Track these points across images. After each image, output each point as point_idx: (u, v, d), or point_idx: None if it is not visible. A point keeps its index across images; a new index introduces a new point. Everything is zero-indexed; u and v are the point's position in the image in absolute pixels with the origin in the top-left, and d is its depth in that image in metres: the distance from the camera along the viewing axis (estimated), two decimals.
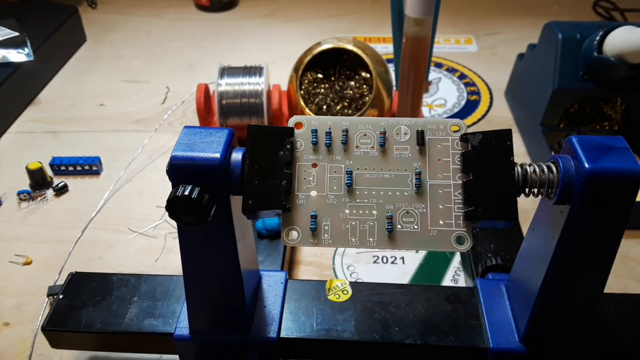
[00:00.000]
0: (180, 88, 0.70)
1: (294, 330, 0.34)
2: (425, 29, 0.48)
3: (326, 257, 0.47)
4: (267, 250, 0.44)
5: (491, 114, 0.66)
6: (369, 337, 0.33)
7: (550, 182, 0.26)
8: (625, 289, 0.43)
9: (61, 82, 0.72)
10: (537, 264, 0.30)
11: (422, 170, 0.26)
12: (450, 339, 0.33)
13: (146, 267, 0.45)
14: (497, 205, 0.25)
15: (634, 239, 0.48)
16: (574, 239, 0.27)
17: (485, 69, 0.74)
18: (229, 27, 0.85)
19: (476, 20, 0.87)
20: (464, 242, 0.26)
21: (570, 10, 0.87)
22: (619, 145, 0.26)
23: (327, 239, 0.26)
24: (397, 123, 0.27)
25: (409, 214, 0.26)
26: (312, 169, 0.27)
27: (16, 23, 0.70)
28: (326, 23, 0.86)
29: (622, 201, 0.26)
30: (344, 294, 0.36)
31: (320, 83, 0.56)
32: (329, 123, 0.27)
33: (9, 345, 0.39)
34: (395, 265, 0.46)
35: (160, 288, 0.37)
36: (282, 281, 0.36)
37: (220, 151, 0.25)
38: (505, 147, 0.26)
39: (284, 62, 0.73)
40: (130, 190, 0.53)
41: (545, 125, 0.55)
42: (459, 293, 0.36)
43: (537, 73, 0.58)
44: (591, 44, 0.50)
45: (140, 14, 0.89)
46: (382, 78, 0.54)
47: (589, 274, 0.29)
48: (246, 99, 0.54)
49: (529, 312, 0.31)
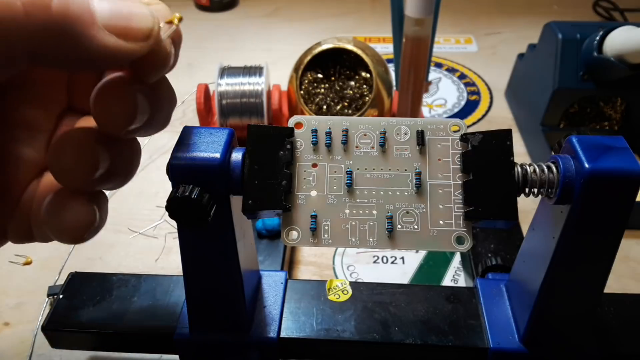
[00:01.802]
0: (180, 88, 0.69)
1: (294, 330, 0.34)
2: (425, 29, 0.48)
3: (326, 257, 0.47)
4: (267, 250, 0.44)
5: (491, 114, 0.66)
6: (369, 337, 0.33)
7: (550, 182, 0.26)
8: (625, 289, 0.43)
9: None
10: (537, 264, 0.30)
11: (422, 170, 0.26)
12: (450, 339, 0.33)
13: (146, 267, 0.45)
14: (497, 205, 0.25)
15: (634, 239, 0.48)
16: (574, 239, 0.27)
17: (485, 69, 0.74)
18: (229, 27, 0.85)
19: (476, 20, 0.87)
20: (464, 242, 0.26)
21: (570, 10, 0.87)
22: (619, 145, 0.26)
23: (327, 239, 0.26)
24: (397, 123, 0.27)
25: (409, 214, 0.26)
26: (312, 169, 0.27)
27: None
28: (326, 23, 0.86)
29: (622, 201, 0.26)
30: (344, 294, 0.36)
31: (320, 83, 0.56)
32: (329, 123, 0.27)
33: (9, 345, 0.39)
34: (395, 265, 0.46)
35: (160, 288, 0.37)
36: (282, 281, 0.36)
37: (220, 151, 0.25)
38: (505, 147, 0.26)
39: (284, 62, 0.73)
40: (130, 190, 0.53)
41: (545, 125, 0.55)
42: (459, 293, 0.36)
43: (537, 73, 0.58)
44: (591, 44, 0.50)
45: None
46: (382, 78, 0.54)
47: (589, 274, 0.29)
48: (246, 99, 0.54)
49: (529, 312, 0.31)
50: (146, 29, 0.20)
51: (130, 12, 0.20)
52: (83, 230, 0.23)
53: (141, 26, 0.20)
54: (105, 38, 0.19)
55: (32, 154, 0.24)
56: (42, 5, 0.17)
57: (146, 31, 0.20)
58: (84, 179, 0.22)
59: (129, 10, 0.20)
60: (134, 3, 0.20)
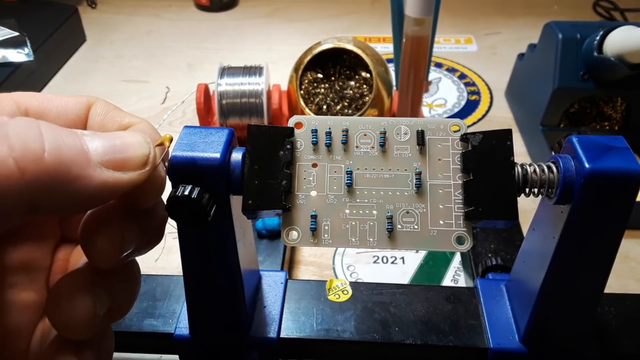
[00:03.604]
0: (180, 88, 0.70)
1: (294, 330, 0.34)
2: (425, 29, 0.48)
3: (326, 257, 0.47)
4: (267, 250, 0.44)
5: (491, 114, 0.66)
6: (369, 337, 0.33)
7: (550, 182, 0.26)
8: (625, 289, 0.43)
9: (61, 82, 0.72)
10: (537, 264, 0.30)
11: (422, 170, 0.26)
12: (450, 339, 0.33)
13: (146, 267, 0.45)
14: (498, 205, 0.25)
15: (634, 239, 0.48)
16: (574, 239, 0.27)
17: (485, 69, 0.74)
18: (229, 27, 0.85)
19: (476, 20, 0.87)
20: (464, 242, 0.26)
21: (570, 10, 0.87)
22: (619, 145, 0.26)
23: (327, 239, 0.26)
24: (397, 123, 0.27)
25: (409, 214, 0.26)
26: (312, 168, 0.27)
27: (16, 23, 0.70)
28: (326, 23, 0.86)
29: (622, 201, 0.26)
30: (344, 294, 0.36)
31: (320, 83, 0.56)
32: (329, 123, 0.27)
33: None
34: (395, 265, 0.46)
35: (160, 288, 0.37)
36: (282, 281, 0.36)
37: (220, 151, 0.25)
38: (506, 147, 0.26)
39: (284, 62, 0.73)
40: None
41: (545, 125, 0.55)
42: (459, 293, 0.36)
43: (537, 73, 0.58)
44: (591, 44, 0.50)
45: (140, 14, 0.89)
46: (382, 78, 0.54)
47: (589, 274, 0.29)
48: (246, 99, 0.54)
49: (529, 312, 0.31)
50: (143, 157, 0.19)
51: (124, 142, 0.19)
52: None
53: (137, 155, 0.19)
54: (103, 175, 0.18)
55: (34, 297, 0.22)
56: (34, 158, 0.16)
57: (143, 159, 0.19)
58: (85, 328, 0.21)
59: (122, 141, 0.19)
60: (125, 132, 0.20)
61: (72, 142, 0.18)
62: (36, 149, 0.17)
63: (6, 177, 0.16)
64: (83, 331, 0.21)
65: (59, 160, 0.17)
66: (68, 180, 0.17)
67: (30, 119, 0.17)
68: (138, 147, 0.19)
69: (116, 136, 0.19)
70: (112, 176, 0.18)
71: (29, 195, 0.17)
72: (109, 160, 0.18)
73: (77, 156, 0.17)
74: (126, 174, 0.19)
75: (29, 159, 0.16)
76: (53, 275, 0.24)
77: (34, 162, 0.16)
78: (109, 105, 0.23)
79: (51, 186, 0.17)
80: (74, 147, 0.18)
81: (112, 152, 0.19)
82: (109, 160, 0.18)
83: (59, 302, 0.21)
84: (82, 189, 0.18)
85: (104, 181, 0.18)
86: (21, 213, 0.17)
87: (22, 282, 0.22)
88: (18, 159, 0.16)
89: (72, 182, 0.17)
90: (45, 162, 0.17)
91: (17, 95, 0.22)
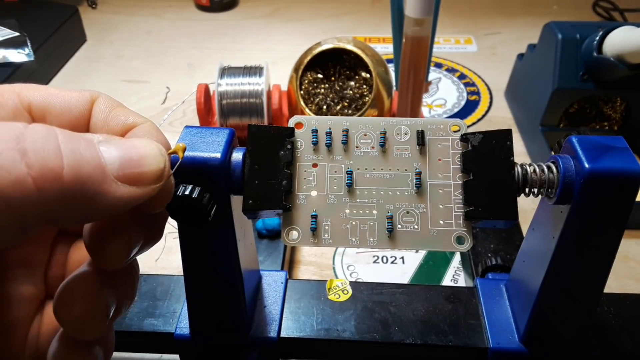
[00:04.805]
0: (180, 88, 0.70)
1: (294, 330, 0.34)
2: (425, 29, 0.48)
3: (326, 257, 0.47)
4: (267, 250, 0.44)
5: (491, 114, 0.66)
6: (369, 337, 0.33)
7: (550, 182, 0.26)
8: (625, 289, 0.43)
9: (61, 82, 0.72)
10: (537, 264, 0.30)
11: (422, 170, 0.26)
12: (450, 339, 0.33)
13: (146, 267, 0.45)
14: (497, 205, 0.25)
15: (634, 239, 0.48)
16: (574, 239, 0.27)
17: (485, 69, 0.74)
18: (229, 27, 0.85)
19: (476, 20, 0.87)
20: (464, 242, 0.26)
21: (570, 10, 0.87)
22: (619, 145, 0.26)
23: (327, 238, 0.26)
24: (397, 123, 0.27)
25: (409, 214, 0.26)
26: (313, 168, 0.27)
27: (16, 23, 0.70)
28: (326, 23, 0.86)
29: (622, 201, 0.26)
30: (344, 294, 0.36)
31: (320, 83, 0.56)
32: (329, 123, 0.27)
33: None
34: (395, 265, 0.46)
35: (161, 288, 0.37)
36: (282, 281, 0.36)
37: (220, 151, 0.26)
38: (505, 147, 0.26)
39: (284, 62, 0.73)
40: None
41: (545, 125, 0.55)
42: (459, 293, 0.36)
43: (537, 73, 0.58)
44: (591, 44, 0.50)
45: (140, 14, 0.89)
46: (382, 78, 0.54)
47: (589, 273, 0.29)
48: (246, 99, 0.54)
49: (529, 312, 0.31)
50: (158, 171, 0.19)
51: (140, 155, 0.19)
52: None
53: (152, 169, 0.19)
54: (119, 191, 0.18)
55: (32, 290, 0.23)
56: (53, 176, 0.16)
57: (158, 173, 0.19)
58: (97, 329, 0.21)
59: (137, 153, 0.19)
60: (140, 142, 0.19)
61: (89, 156, 0.17)
62: (54, 167, 0.16)
63: (24, 195, 0.16)
64: (95, 332, 0.21)
65: (77, 178, 0.17)
66: (84, 197, 0.17)
67: (47, 128, 0.17)
68: (154, 160, 0.19)
69: (132, 146, 0.19)
70: (127, 191, 0.18)
71: (45, 211, 0.17)
72: (124, 175, 0.18)
73: (94, 171, 0.17)
74: (140, 188, 0.19)
75: (47, 178, 0.16)
76: (52, 268, 0.24)
77: (51, 181, 0.16)
78: (112, 102, 0.23)
79: (67, 203, 0.17)
80: (91, 161, 0.17)
81: (129, 166, 0.18)
82: (125, 175, 0.18)
83: (70, 306, 0.21)
84: (97, 204, 0.18)
85: (119, 196, 0.18)
86: (37, 226, 0.17)
87: (21, 276, 0.22)
88: (37, 178, 0.16)
89: (88, 198, 0.17)
90: (63, 180, 0.16)
91: (19, 87, 0.22)
